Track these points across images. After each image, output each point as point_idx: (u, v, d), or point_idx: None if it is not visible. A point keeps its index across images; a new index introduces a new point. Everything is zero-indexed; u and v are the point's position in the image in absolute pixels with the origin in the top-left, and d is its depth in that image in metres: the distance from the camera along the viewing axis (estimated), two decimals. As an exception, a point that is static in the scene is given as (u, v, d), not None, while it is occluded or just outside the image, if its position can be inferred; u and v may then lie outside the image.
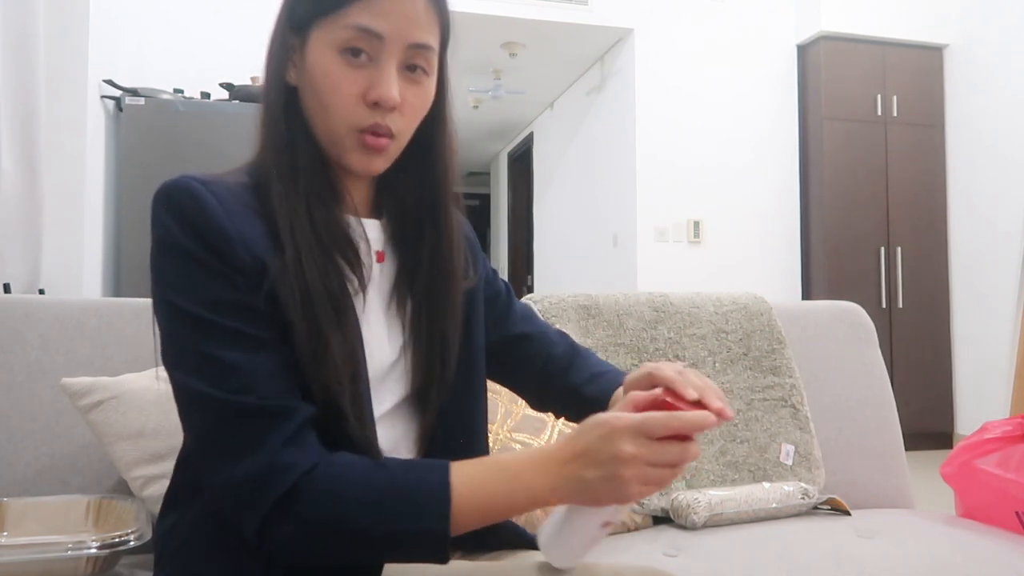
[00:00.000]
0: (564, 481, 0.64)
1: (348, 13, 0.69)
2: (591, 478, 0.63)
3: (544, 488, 0.64)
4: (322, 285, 0.68)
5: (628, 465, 0.61)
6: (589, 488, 0.63)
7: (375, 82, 0.70)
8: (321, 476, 0.63)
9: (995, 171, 4.08)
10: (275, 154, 0.72)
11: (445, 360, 0.78)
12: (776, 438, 1.49)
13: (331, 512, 0.63)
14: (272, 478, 0.62)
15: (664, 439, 0.62)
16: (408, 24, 0.70)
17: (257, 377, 0.64)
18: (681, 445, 0.62)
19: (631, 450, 0.61)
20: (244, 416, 0.64)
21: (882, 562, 1.12)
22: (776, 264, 4.46)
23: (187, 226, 0.67)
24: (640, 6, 4.44)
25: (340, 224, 0.73)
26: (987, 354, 4.05)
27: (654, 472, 0.62)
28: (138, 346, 1.26)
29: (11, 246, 1.85)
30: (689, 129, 4.43)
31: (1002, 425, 1.46)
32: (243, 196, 0.71)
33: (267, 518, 0.62)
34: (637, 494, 0.62)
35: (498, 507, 0.66)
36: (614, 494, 0.62)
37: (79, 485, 1.18)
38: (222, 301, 0.66)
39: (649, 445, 0.61)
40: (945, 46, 4.42)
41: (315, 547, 0.64)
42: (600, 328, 1.50)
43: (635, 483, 0.61)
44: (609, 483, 0.62)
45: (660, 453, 0.62)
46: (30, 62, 1.90)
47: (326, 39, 0.71)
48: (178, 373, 0.67)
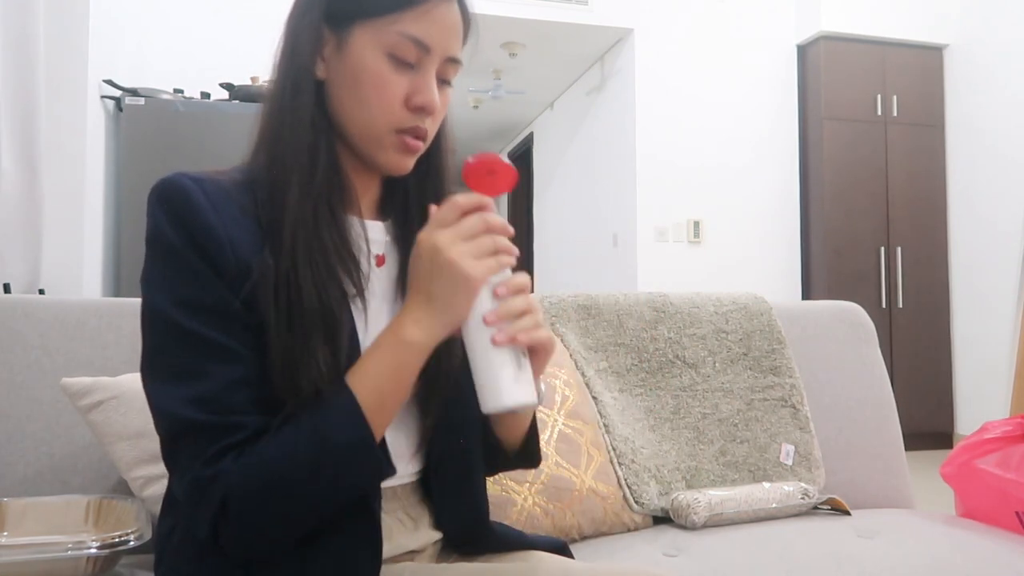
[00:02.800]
0: (418, 308, 0.67)
1: (400, 20, 0.71)
2: (433, 286, 0.66)
3: (409, 327, 0.67)
4: (317, 299, 0.68)
5: (446, 250, 0.65)
6: (439, 295, 0.66)
7: (419, 88, 0.73)
8: (242, 473, 0.63)
9: (995, 171, 4.08)
10: (291, 152, 0.71)
11: (448, 362, 0.78)
12: (776, 438, 1.49)
13: (262, 491, 0.63)
14: (208, 490, 0.63)
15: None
16: (451, 39, 0.74)
17: (217, 387, 0.65)
18: (476, 215, 0.68)
19: (440, 238, 0.66)
20: (192, 431, 0.64)
21: (882, 562, 1.12)
22: (776, 264, 4.46)
23: (175, 223, 0.67)
24: (640, 6, 4.44)
25: (344, 225, 0.73)
26: (987, 354, 4.05)
27: (475, 243, 0.66)
28: (138, 346, 1.26)
29: (11, 246, 1.85)
30: (689, 129, 4.43)
31: (1002, 425, 1.46)
32: (236, 196, 0.71)
33: (214, 526, 0.64)
34: (478, 271, 0.66)
35: (392, 375, 0.67)
36: (459, 283, 0.65)
37: (79, 485, 1.18)
38: (197, 303, 0.66)
39: (453, 227, 0.67)
40: (945, 46, 4.42)
41: (271, 532, 0.65)
42: (600, 328, 1.50)
43: (466, 259, 0.65)
44: (446, 277, 0.65)
45: (464, 227, 0.67)
46: (30, 62, 1.90)
47: (374, 40, 0.71)
48: (147, 380, 0.68)
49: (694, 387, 1.50)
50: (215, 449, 0.63)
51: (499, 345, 0.67)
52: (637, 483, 1.34)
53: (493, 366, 0.67)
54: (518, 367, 0.68)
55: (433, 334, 0.67)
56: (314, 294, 0.68)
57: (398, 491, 0.79)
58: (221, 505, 0.63)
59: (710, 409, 1.49)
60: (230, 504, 0.63)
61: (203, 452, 0.63)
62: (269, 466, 0.63)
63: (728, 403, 1.50)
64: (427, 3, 0.71)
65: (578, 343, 1.48)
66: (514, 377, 0.67)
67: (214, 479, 0.63)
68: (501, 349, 0.67)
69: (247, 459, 0.63)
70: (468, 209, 0.68)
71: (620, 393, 1.46)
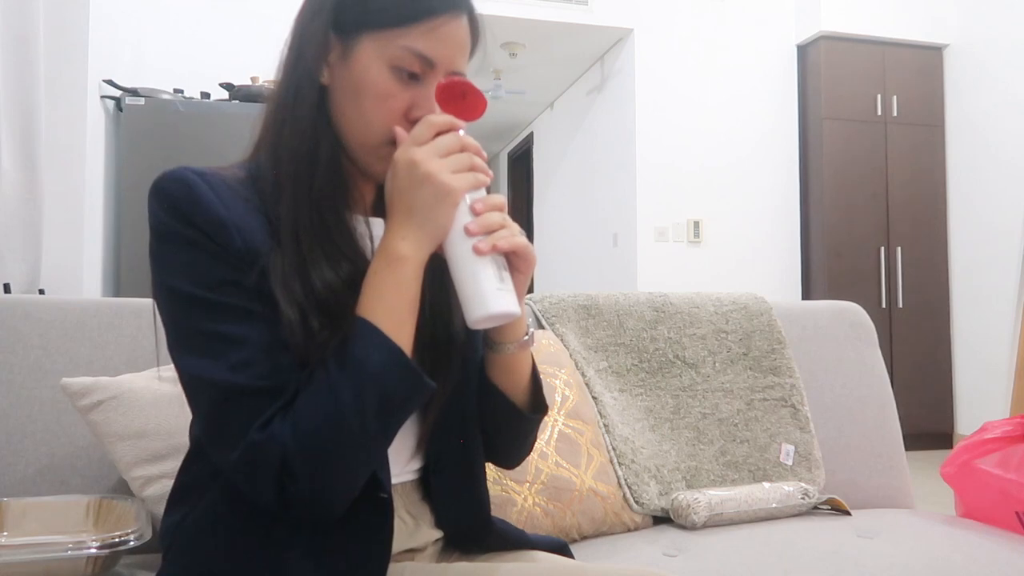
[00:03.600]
0: (402, 224, 0.68)
1: (407, 34, 0.71)
2: (414, 200, 0.67)
3: (397, 242, 0.67)
4: (332, 292, 0.69)
5: (424, 163, 0.66)
6: (420, 208, 0.67)
7: (419, 102, 0.73)
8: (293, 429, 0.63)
9: (995, 171, 4.08)
10: (291, 156, 0.72)
11: (450, 360, 0.78)
12: (776, 438, 1.49)
13: (324, 446, 0.63)
14: (266, 454, 0.63)
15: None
16: (457, 54, 0.73)
17: (257, 351, 0.65)
18: (449, 133, 0.69)
19: (417, 153, 0.67)
20: (243, 396, 0.64)
21: (882, 562, 1.12)
22: (776, 264, 4.46)
23: (179, 214, 0.67)
24: (640, 6, 4.44)
25: (349, 223, 0.74)
26: (987, 354, 4.05)
27: (452, 159, 0.68)
28: (138, 346, 1.26)
29: (11, 246, 1.85)
30: (689, 129, 4.43)
31: (1002, 425, 1.46)
32: (240, 190, 0.71)
33: (279, 488, 0.63)
34: (457, 183, 0.67)
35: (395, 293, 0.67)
36: (440, 195, 0.66)
37: (79, 485, 1.18)
38: (220, 280, 0.66)
39: (429, 145, 0.68)
40: (945, 46, 4.42)
41: (338, 480, 0.65)
42: (600, 328, 1.50)
43: (444, 173, 0.66)
44: (427, 189, 0.66)
45: (440, 144, 0.68)
46: (30, 62, 1.90)
47: (379, 52, 0.71)
48: (181, 357, 0.68)
49: (694, 387, 1.50)
50: (268, 413, 0.64)
51: (481, 254, 0.68)
52: (637, 483, 1.34)
53: (477, 277, 0.68)
54: (500, 279, 0.69)
55: (420, 246, 0.68)
56: (321, 288, 0.69)
57: (399, 490, 0.79)
58: (282, 465, 0.62)
59: (710, 409, 1.49)
60: (293, 463, 0.62)
61: (256, 416, 0.64)
62: (317, 414, 0.63)
63: (728, 403, 1.50)
64: (435, 19, 0.71)
65: (578, 343, 1.48)
66: (497, 287, 0.68)
67: (270, 441, 0.63)
68: (484, 259, 0.68)
69: (295, 416, 0.63)
70: (442, 128, 0.68)
71: (620, 393, 1.46)
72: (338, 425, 0.63)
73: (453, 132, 0.69)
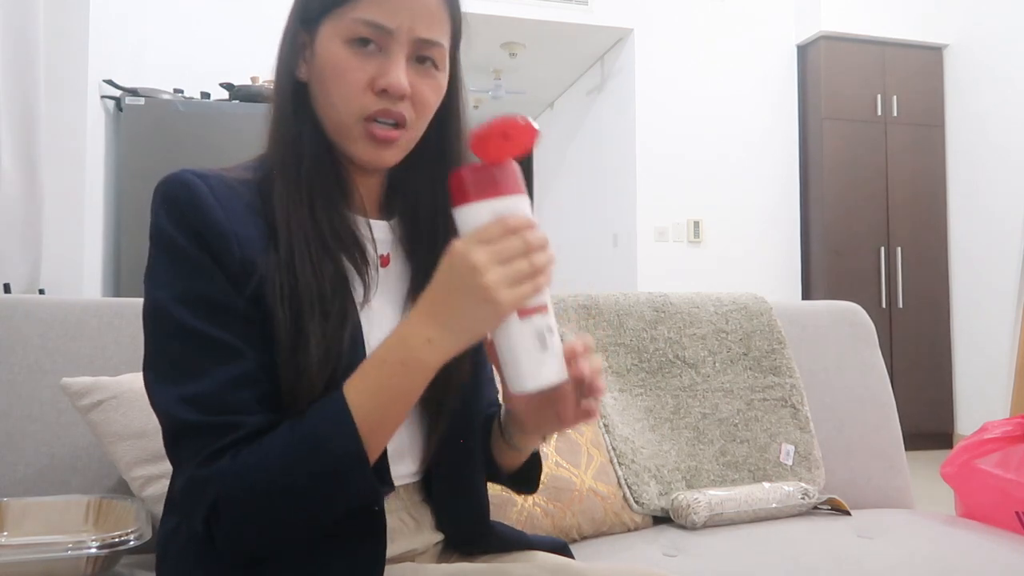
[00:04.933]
0: (434, 326, 0.62)
1: (357, 7, 0.70)
2: (460, 306, 0.61)
3: (422, 347, 0.62)
4: (315, 285, 0.68)
5: (484, 272, 0.60)
6: (464, 317, 0.62)
7: (383, 70, 0.71)
8: (234, 475, 0.63)
9: (995, 171, 4.08)
10: (280, 148, 0.73)
11: (459, 364, 0.76)
12: (776, 438, 1.49)
13: (253, 498, 0.63)
14: (202, 490, 0.63)
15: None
16: (417, 19, 0.71)
17: (212, 385, 0.64)
18: (519, 234, 0.62)
19: (479, 258, 0.60)
20: (188, 430, 0.64)
21: (882, 562, 1.12)
22: (776, 264, 4.46)
23: (179, 219, 0.67)
24: (640, 6, 4.44)
25: (345, 222, 0.73)
26: (987, 354, 4.05)
27: (512, 268, 0.61)
28: (138, 346, 1.25)
29: (11, 246, 1.85)
30: (689, 129, 4.43)
31: (1002, 425, 1.46)
32: (244, 194, 0.71)
33: (207, 523, 0.64)
34: (513, 297, 0.61)
35: (396, 391, 0.64)
36: (490, 309, 0.61)
37: (79, 485, 1.18)
38: (199, 299, 0.66)
39: (492, 245, 0.61)
40: (945, 46, 4.42)
41: (261, 535, 0.65)
42: (600, 328, 1.50)
43: (502, 287, 0.60)
44: (478, 300, 0.60)
45: (506, 248, 0.61)
46: (30, 62, 1.90)
47: (334, 31, 0.71)
48: (145, 369, 0.68)
49: (694, 387, 1.50)
50: (211, 450, 0.63)
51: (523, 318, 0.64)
52: (637, 483, 1.34)
53: (514, 350, 0.64)
54: (542, 346, 0.65)
55: (446, 355, 0.64)
56: (312, 282, 0.68)
57: (400, 492, 0.79)
58: (213, 505, 0.63)
59: (710, 409, 1.49)
60: (220, 506, 0.62)
61: (199, 452, 0.63)
62: (260, 471, 0.62)
63: (728, 403, 1.50)
64: None
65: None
66: (539, 359, 0.65)
67: (209, 480, 0.63)
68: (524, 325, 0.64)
69: (243, 459, 0.63)
70: (514, 229, 0.62)
71: (620, 393, 1.46)
72: (275, 492, 0.62)
73: (522, 232, 0.62)
